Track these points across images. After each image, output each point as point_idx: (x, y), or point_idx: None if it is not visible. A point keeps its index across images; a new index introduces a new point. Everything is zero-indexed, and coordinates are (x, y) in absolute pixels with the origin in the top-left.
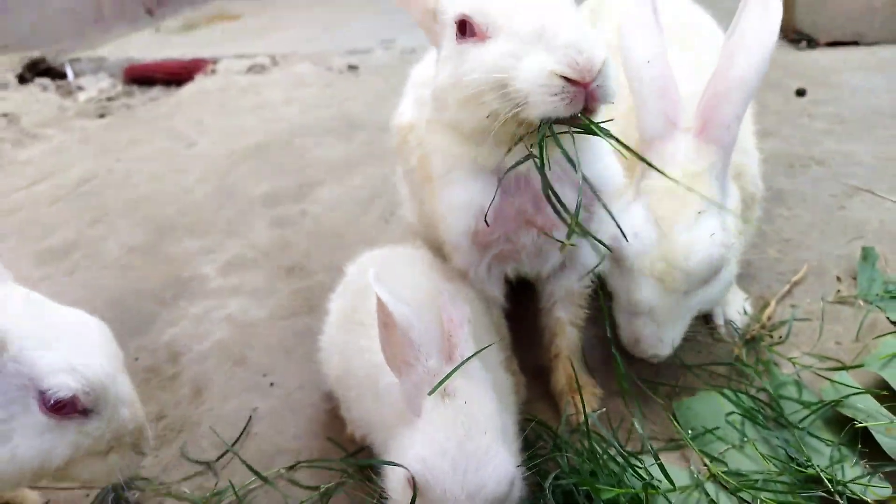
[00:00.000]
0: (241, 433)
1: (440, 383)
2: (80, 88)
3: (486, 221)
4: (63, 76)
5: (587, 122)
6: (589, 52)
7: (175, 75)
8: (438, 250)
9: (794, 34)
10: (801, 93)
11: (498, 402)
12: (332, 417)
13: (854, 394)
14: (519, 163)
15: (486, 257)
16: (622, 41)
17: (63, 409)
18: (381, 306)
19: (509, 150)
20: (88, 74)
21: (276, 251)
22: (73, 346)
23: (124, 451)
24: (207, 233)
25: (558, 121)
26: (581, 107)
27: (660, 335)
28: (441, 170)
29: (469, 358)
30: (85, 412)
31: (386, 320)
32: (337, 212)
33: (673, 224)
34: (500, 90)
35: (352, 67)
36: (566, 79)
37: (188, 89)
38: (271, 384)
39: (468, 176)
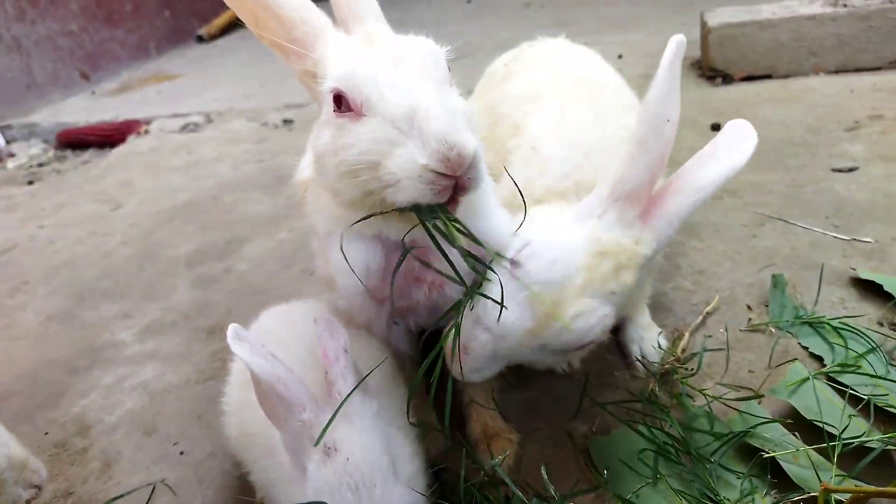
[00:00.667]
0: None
1: (319, 438)
2: (10, 155)
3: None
4: None
5: (445, 220)
6: (460, 147)
7: (108, 137)
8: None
9: (709, 71)
10: (715, 127)
11: (387, 438)
12: (243, 484)
13: (762, 423)
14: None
15: (385, 313)
16: (652, 92)
17: None
18: (245, 364)
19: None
20: (20, 140)
21: (197, 312)
22: None
23: (10, 489)
24: (126, 297)
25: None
26: (447, 196)
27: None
28: (323, 231)
29: (348, 395)
30: None
31: (253, 378)
32: (261, 268)
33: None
34: (373, 171)
35: (286, 121)
36: (437, 172)
37: (119, 151)
38: (181, 453)
39: (351, 238)
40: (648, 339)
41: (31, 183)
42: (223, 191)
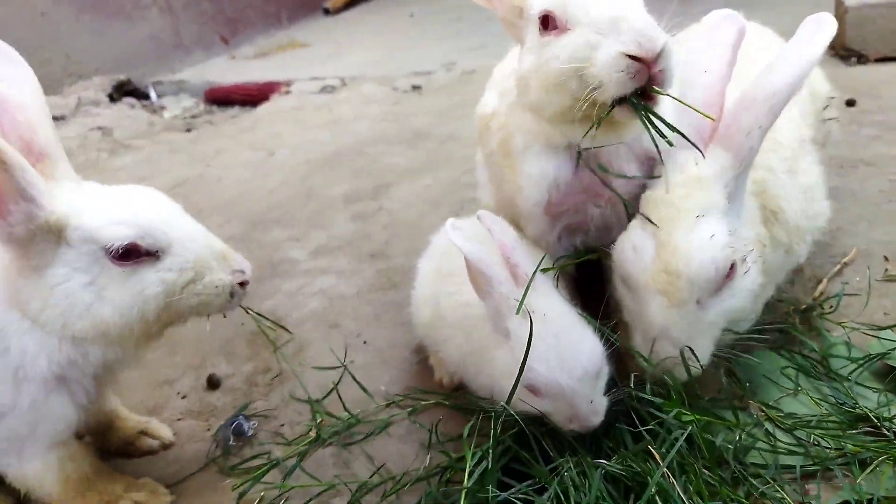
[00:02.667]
0: (343, 373)
1: (520, 305)
2: (162, 108)
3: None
4: (146, 97)
5: (654, 91)
6: (652, 36)
7: (252, 96)
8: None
9: (843, 51)
10: (850, 103)
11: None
12: (423, 368)
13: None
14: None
15: (557, 228)
16: (689, 51)
17: (129, 256)
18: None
19: (588, 130)
20: (169, 95)
21: (358, 240)
22: (123, 205)
23: (217, 274)
24: (293, 225)
25: (623, 102)
26: (644, 79)
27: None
28: (521, 146)
29: (534, 273)
30: (153, 254)
31: (464, 261)
32: (411, 208)
33: (671, 231)
34: (577, 76)
35: (415, 87)
36: (632, 58)
37: (265, 108)
38: (364, 342)
39: (544, 152)
40: None
41: (188, 131)
42: (365, 145)
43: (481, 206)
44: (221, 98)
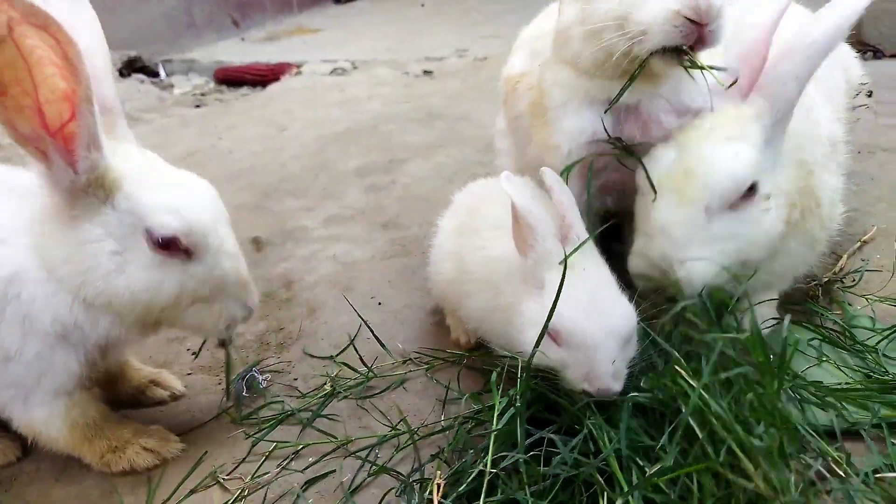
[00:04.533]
0: (357, 332)
1: (569, 255)
2: (171, 86)
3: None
4: (156, 74)
5: (692, 56)
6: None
7: (262, 77)
8: None
9: (860, 46)
10: (867, 94)
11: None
12: (438, 328)
13: None
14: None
15: (583, 191)
16: (740, 6)
17: (167, 247)
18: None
19: (626, 85)
20: (179, 74)
21: (371, 211)
22: (179, 194)
23: (229, 303)
24: (306, 196)
25: (664, 53)
26: (693, 39)
27: (674, 251)
28: (558, 100)
29: (588, 239)
30: (188, 253)
31: (513, 211)
32: (424, 182)
33: (698, 144)
34: (619, 26)
35: (427, 72)
36: (686, 18)
37: (276, 86)
38: (379, 304)
39: (583, 107)
40: None
41: (198, 107)
42: (378, 122)
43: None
44: (232, 78)
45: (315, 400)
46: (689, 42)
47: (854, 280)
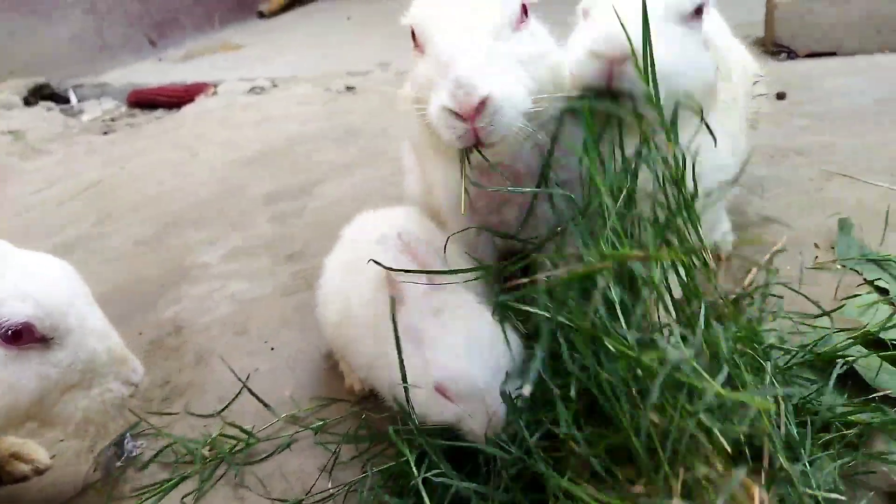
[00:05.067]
0: (243, 387)
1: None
2: (81, 112)
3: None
4: (67, 101)
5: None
6: (469, 87)
7: (177, 98)
8: (437, 217)
9: (773, 46)
10: (780, 96)
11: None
12: (332, 375)
13: (834, 332)
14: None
15: (474, 223)
16: None
17: (20, 338)
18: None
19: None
20: (91, 99)
21: (278, 241)
22: (28, 278)
23: (108, 384)
24: (211, 226)
25: None
26: (472, 142)
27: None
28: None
29: (450, 272)
30: (45, 341)
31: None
32: (336, 206)
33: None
34: (423, 110)
35: (349, 88)
36: (456, 113)
37: (191, 108)
38: (272, 349)
39: (450, 155)
40: (719, 229)
41: (106, 133)
42: (294, 143)
43: (407, 194)
44: (145, 100)
45: (195, 469)
46: (467, 145)
47: (763, 296)
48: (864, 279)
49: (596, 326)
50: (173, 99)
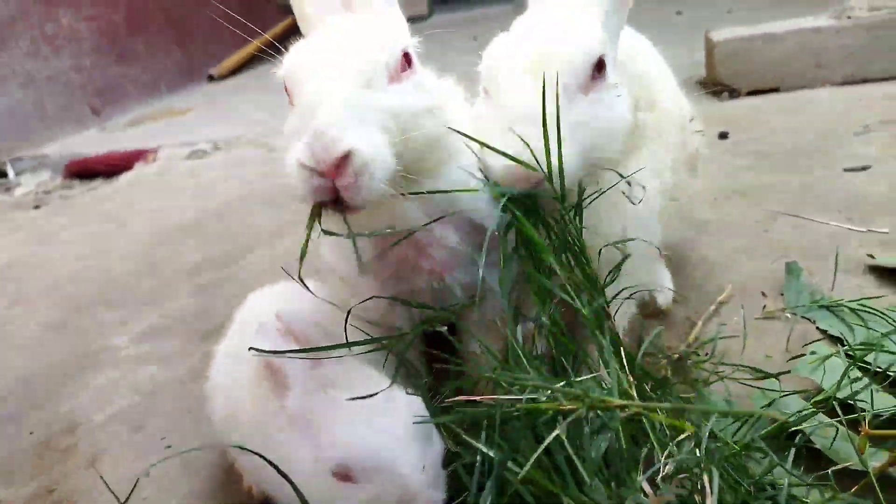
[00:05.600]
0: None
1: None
2: (19, 185)
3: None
4: (4, 175)
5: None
6: (327, 142)
7: (115, 166)
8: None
9: (714, 86)
10: (723, 135)
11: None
12: (232, 474)
13: (785, 395)
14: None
15: (384, 293)
16: None
17: None
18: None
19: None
20: (28, 172)
21: (196, 317)
22: None
23: None
24: (125, 306)
25: None
26: (329, 198)
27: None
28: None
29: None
30: None
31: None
32: (264, 276)
33: (541, 20)
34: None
35: None
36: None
37: (126, 176)
38: (168, 447)
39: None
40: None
41: (37, 207)
42: (228, 208)
43: (324, 261)
44: (83, 170)
45: None
46: (324, 198)
47: (707, 353)
48: (817, 327)
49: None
50: (112, 167)
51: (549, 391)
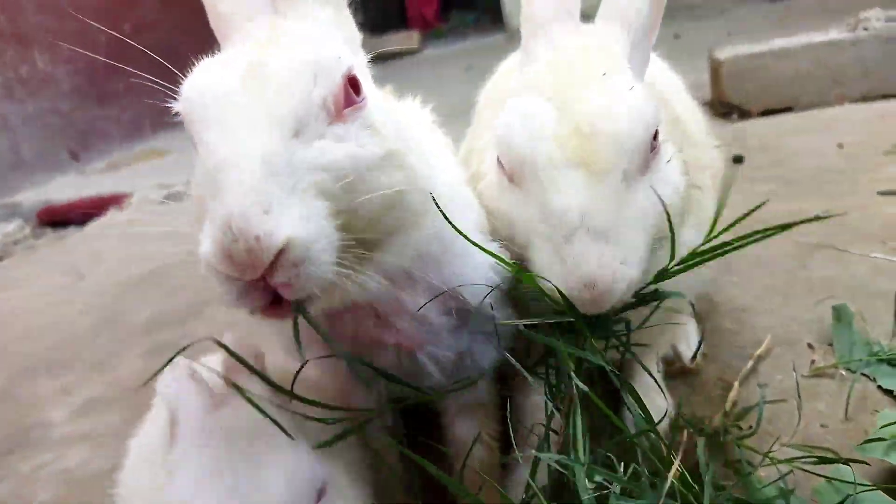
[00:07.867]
0: None
1: None
2: None
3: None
4: None
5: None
6: (247, 239)
7: (89, 213)
8: None
9: (722, 108)
10: (738, 159)
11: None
12: None
13: (864, 490)
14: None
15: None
16: None
17: None
18: None
19: None
20: (1, 221)
21: (142, 386)
22: None
23: None
24: (71, 370)
25: None
26: (263, 303)
27: (612, 253)
28: None
29: None
30: None
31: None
32: (222, 331)
33: (576, 88)
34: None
35: None
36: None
37: (95, 224)
38: None
39: None
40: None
41: (2, 259)
42: (194, 255)
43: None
44: (55, 218)
45: None
46: (252, 305)
47: (751, 426)
48: (878, 386)
49: None
50: (85, 214)
51: None
